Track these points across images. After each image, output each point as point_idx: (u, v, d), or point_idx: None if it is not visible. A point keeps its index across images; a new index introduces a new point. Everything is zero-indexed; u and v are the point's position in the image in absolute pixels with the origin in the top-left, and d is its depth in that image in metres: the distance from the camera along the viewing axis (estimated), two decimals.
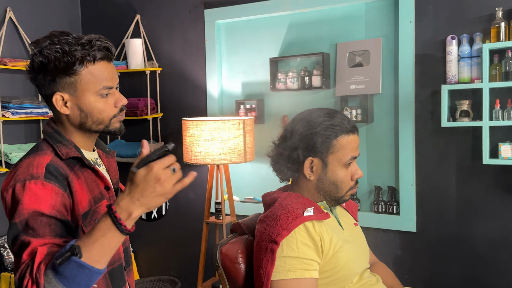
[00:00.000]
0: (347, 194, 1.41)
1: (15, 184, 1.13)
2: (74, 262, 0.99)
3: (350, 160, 1.39)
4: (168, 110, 3.26)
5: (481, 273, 2.43)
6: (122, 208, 1.03)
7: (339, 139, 1.37)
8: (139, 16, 3.29)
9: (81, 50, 1.22)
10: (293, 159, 1.39)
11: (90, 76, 1.23)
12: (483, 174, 2.40)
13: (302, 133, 1.38)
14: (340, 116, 1.41)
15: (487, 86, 2.25)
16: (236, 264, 1.38)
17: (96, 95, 1.24)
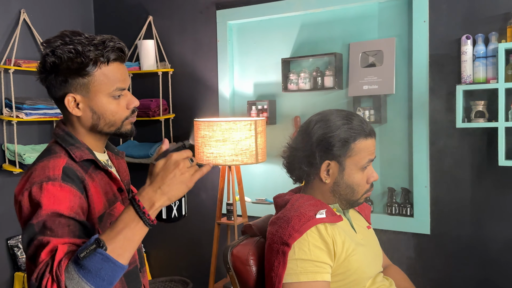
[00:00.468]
0: (362, 197, 1.41)
1: (31, 187, 1.11)
2: (100, 255, 0.98)
3: (367, 164, 1.38)
4: (180, 111, 3.27)
5: (496, 276, 2.39)
6: (145, 198, 1.03)
7: (357, 143, 1.35)
8: (152, 17, 3.30)
9: (95, 50, 1.19)
10: (309, 161, 1.38)
11: (103, 77, 1.21)
12: (498, 175, 2.35)
13: (320, 135, 1.36)
14: (358, 119, 1.39)
15: (503, 87, 2.21)
16: (247, 266, 1.36)
17: (109, 96, 1.23)
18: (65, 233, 1.06)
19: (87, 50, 1.18)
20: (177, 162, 1.04)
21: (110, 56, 1.22)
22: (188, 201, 3.27)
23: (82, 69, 1.19)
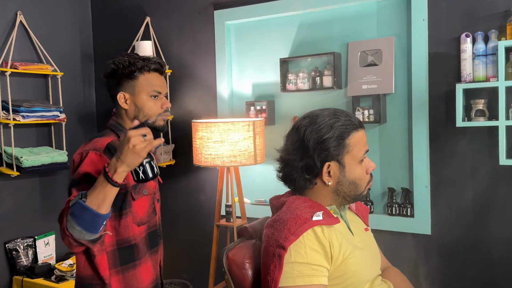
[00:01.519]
0: (366, 189, 1.40)
1: (82, 152, 1.53)
2: (79, 204, 1.34)
3: (364, 156, 1.36)
4: (178, 112, 3.25)
5: (498, 277, 2.36)
6: (111, 166, 1.35)
7: (351, 137, 1.34)
8: (149, 18, 3.29)
9: (141, 62, 1.65)
10: (309, 168, 1.35)
11: (145, 81, 1.66)
12: (499, 175, 2.33)
13: (314, 140, 1.34)
14: (344, 114, 1.38)
15: (503, 85, 2.19)
16: (243, 270, 1.34)
17: (148, 95, 1.65)
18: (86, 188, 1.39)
19: (136, 61, 1.65)
20: (129, 137, 1.32)
21: (151, 66, 1.67)
22: (187, 203, 3.27)
23: (131, 74, 1.65)
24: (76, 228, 1.35)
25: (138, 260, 1.63)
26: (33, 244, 3.08)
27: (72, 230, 1.35)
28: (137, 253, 1.63)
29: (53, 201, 3.29)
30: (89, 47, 3.57)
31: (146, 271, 1.66)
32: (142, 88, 1.64)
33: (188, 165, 3.17)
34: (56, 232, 3.22)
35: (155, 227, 1.73)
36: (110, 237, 1.57)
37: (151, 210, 1.69)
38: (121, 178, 1.35)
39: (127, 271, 1.61)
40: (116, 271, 1.59)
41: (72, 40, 3.45)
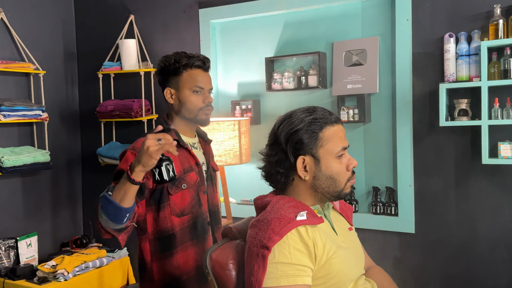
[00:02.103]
0: (347, 186, 1.37)
1: (125, 151, 1.72)
2: (105, 197, 1.52)
3: (342, 152, 1.35)
4: (163, 112, 3.22)
5: (481, 274, 2.39)
6: (132, 165, 1.50)
7: (324, 131, 1.33)
8: (133, 16, 3.25)
9: (186, 59, 1.78)
10: (283, 162, 1.35)
11: (188, 77, 1.79)
12: (482, 174, 2.35)
13: (286, 133, 1.34)
14: (321, 109, 1.38)
15: (486, 85, 2.21)
16: (227, 271, 1.33)
17: (191, 91, 1.79)
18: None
19: (181, 59, 1.78)
20: (145, 140, 1.45)
21: (194, 63, 1.78)
22: None
23: (176, 70, 1.78)
24: (103, 218, 1.55)
25: (175, 248, 1.76)
26: (15, 245, 3.02)
27: (101, 219, 1.56)
28: (176, 242, 1.76)
29: (35, 201, 3.24)
30: (72, 46, 3.52)
31: (185, 258, 1.77)
32: (185, 84, 1.78)
33: None
34: (39, 233, 3.18)
35: (202, 217, 1.82)
36: (151, 227, 1.76)
37: (194, 202, 1.80)
38: (139, 176, 1.49)
39: (166, 258, 1.76)
40: (156, 257, 1.77)
41: (54, 38, 3.40)
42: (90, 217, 3.56)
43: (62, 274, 2.81)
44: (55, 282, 2.77)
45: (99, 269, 3.05)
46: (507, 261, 2.33)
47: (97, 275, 3.03)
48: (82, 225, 3.58)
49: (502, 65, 2.21)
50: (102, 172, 3.46)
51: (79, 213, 3.57)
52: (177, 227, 1.77)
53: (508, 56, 2.20)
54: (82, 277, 2.90)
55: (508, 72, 2.19)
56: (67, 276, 2.80)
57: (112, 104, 3.20)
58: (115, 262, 3.18)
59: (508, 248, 2.33)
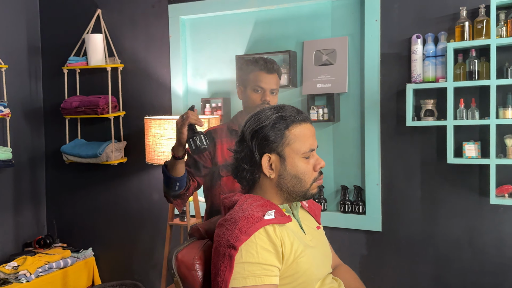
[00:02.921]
0: (313, 186, 1.36)
1: None
2: (163, 167, 1.87)
3: (309, 153, 1.33)
4: (131, 109, 3.16)
5: (446, 272, 2.44)
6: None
7: (291, 129, 1.32)
8: (100, 10, 3.17)
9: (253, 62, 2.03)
10: (249, 159, 1.34)
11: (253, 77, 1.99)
12: (447, 173, 2.40)
13: (252, 129, 1.33)
14: (289, 108, 1.36)
15: (452, 86, 2.25)
16: (193, 271, 1.30)
17: (252, 90, 2.00)
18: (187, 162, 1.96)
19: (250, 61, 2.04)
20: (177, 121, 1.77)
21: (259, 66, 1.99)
22: (140, 202, 3.18)
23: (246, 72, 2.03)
24: (163, 185, 1.90)
25: None
26: None
27: (163, 187, 1.90)
28: None
29: None
30: (36, 40, 3.41)
31: None
32: (249, 83, 2.00)
33: (141, 163, 3.09)
34: None
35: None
36: (208, 202, 2.05)
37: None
38: (178, 152, 1.77)
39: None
40: None
41: (17, 31, 3.28)
42: (54, 217, 3.46)
43: (24, 275, 2.72)
44: (16, 284, 2.68)
45: (63, 270, 2.97)
46: (470, 259, 2.39)
47: (61, 276, 2.96)
48: (46, 225, 3.48)
49: (467, 67, 2.26)
50: (67, 170, 3.36)
51: (43, 212, 3.47)
52: None
53: (473, 57, 2.24)
54: (45, 278, 2.82)
55: (473, 73, 2.24)
56: (30, 277, 2.71)
57: (78, 100, 3.12)
58: (80, 262, 3.11)
59: (472, 246, 2.38)
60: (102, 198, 3.29)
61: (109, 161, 3.06)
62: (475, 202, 2.36)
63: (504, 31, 2.18)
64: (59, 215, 3.45)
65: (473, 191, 2.36)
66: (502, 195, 2.23)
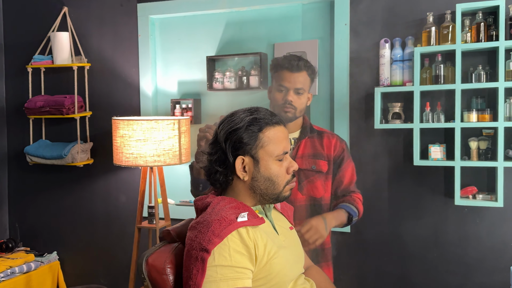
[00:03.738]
0: (286, 189, 1.36)
1: None
2: (189, 167, 1.94)
3: (282, 156, 1.34)
4: (98, 109, 3.09)
5: (412, 271, 2.49)
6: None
7: (265, 131, 1.32)
8: (67, 8, 3.09)
9: (276, 62, 2.01)
10: (223, 161, 1.33)
11: (277, 77, 1.98)
12: (414, 175, 2.46)
13: (226, 131, 1.32)
14: (264, 110, 1.37)
15: (418, 89, 2.31)
16: (164, 276, 1.28)
17: (276, 90, 1.97)
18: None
19: (277, 60, 2.01)
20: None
21: (284, 64, 1.96)
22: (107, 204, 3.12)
23: (273, 72, 2.03)
24: (190, 184, 1.94)
25: None
26: None
27: (190, 185, 1.94)
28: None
29: None
30: None
31: None
32: (274, 82, 1.99)
33: (108, 164, 3.02)
34: None
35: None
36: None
37: None
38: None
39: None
40: None
41: None
42: (17, 220, 3.34)
43: None
44: None
45: (27, 275, 2.88)
46: (436, 259, 2.45)
47: (24, 281, 2.86)
48: (8, 228, 3.35)
49: (433, 71, 2.32)
50: (30, 172, 3.25)
51: (5, 215, 3.34)
52: None
53: (439, 62, 2.31)
54: (7, 283, 2.72)
55: (439, 77, 2.30)
56: None
57: (42, 100, 3.02)
58: (44, 266, 3.02)
59: (438, 246, 2.45)
60: (67, 201, 3.20)
61: (74, 163, 2.98)
62: (440, 203, 2.43)
63: (469, 37, 2.25)
64: (22, 218, 3.33)
65: (439, 192, 2.43)
66: (466, 196, 2.30)
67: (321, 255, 2.00)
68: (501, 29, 2.17)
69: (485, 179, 2.36)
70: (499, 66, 2.19)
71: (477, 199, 2.28)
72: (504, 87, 2.18)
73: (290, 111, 1.93)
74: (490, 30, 2.23)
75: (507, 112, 2.22)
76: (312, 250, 1.88)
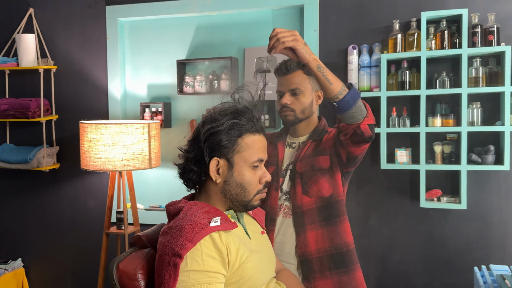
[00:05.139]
0: (255, 198, 1.37)
1: None
2: None
3: (258, 163, 1.35)
4: (64, 112, 3.02)
5: (380, 273, 2.55)
6: None
7: (244, 137, 1.33)
8: (32, 9, 3.02)
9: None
10: (198, 160, 1.33)
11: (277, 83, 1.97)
12: (381, 178, 2.52)
13: (206, 131, 1.32)
14: (248, 116, 1.36)
15: (385, 95, 2.37)
16: (135, 282, 1.27)
17: (277, 96, 1.94)
18: None
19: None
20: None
21: (277, 71, 1.98)
22: (74, 209, 3.05)
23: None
24: None
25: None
26: None
27: None
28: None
29: None
30: None
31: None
32: (276, 90, 1.95)
33: (75, 169, 2.96)
34: None
35: (270, 210, 1.84)
36: None
37: (268, 195, 1.84)
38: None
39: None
40: None
41: None
42: None
43: None
44: None
45: None
46: (402, 260, 2.51)
47: None
48: None
49: (399, 77, 2.38)
50: None
51: None
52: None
53: (405, 68, 2.37)
54: None
55: (404, 83, 2.37)
56: None
57: (7, 103, 2.94)
58: (8, 274, 2.92)
59: (404, 247, 2.51)
60: (32, 206, 3.12)
61: (40, 167, 2.91)
62: (406, 206, 2.49)
63: (434, 44, 2.33)
64: None
65: (405, 195, 2.49)
66: (431, 199, 2.38)
67: (346, 259, 1.80)
68: (464, 37, 2.26)
69: (449, 182, 2.44)
70: (462, 73, 2.27)
71: (442, 201, 2.36)
72: (467, 93, 2.27)
73: (289, 114, 1.86)
74: (453, 38, 2.31)
75: (470, 117, 2.30)
76: (335, 255, 1.77)
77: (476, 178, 2.38)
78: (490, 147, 2.29)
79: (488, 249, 2.40)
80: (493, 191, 2.38)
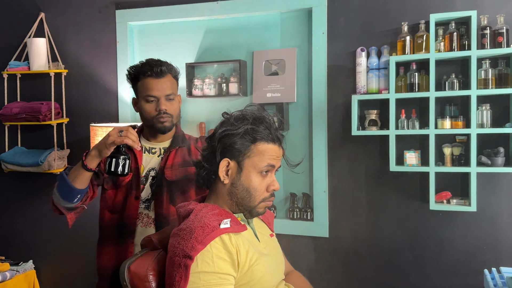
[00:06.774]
0: (260, 205, 1.37)
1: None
2: (61, 175, 1.69)
3: (267, 168, 1.35)
4: (75, 115, 3.05)
5: (389, 275, 2.54)
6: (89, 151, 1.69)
7: (258, 144, 1.34)
8: (44, 14, 3.06)
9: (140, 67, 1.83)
10: (211, 159, 1.35)
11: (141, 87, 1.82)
12: (390, 180, 2.51)
13: (222, 131, 1.35)
14: (267, 123, 1.36)
15: (393, 97, 2.37)
16: (146, 283, 1.28)
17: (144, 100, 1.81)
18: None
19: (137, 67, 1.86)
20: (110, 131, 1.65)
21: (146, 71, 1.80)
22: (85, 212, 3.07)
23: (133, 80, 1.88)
24: (56, 194, 1.70)
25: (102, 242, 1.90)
26: None
27: (54, 195, 1.71)
28: (103, 236, 1.89)
29: None
30: None
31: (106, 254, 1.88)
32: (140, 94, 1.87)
33: None
34: None
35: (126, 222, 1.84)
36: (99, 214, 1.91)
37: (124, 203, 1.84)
38: (92, 163, 1.67)
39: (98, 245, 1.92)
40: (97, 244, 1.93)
41: None
42: None
43: None
44: None
45: (1, 284, 2.82)
46: (412, 263, 2.51)
47: None
48: None
49: (408, 79, 2.38)
50: (6, 179, 3.19)
51: None
52: (107, 221, 1.88)
53: (414, 70, 2.37)
54: None
55: (413, 85, 2.37)
56: None
57: (18, 107, 2.98)
58: (19, 276, 2.96)
59: (414, 250, 2.50)
60: (43, 208, 3.15)
61: (51, 170, 2.94)
62: (416, 208, 2.49)
63: (442, 46, 2.32)
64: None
65: (414, 197, 2.49)
66: (441, 201, 2.37)
67: None
68: (473, 38, 2.25)
69: (459, 184, 2.43)
70: (471, 75, 2.26)
71: (451, 204, 2.35)
72: (476, 95, 2.26)
73: (167, 120, 1.82)
74: (462, 40, 2.31)
75: (479, 119, 2.29)
76: None
77: (485, 180, 2.37)
78: (499, 149, 2.28)
79: (498, 251, 2.38)
80: (503, 193, 2.37)
